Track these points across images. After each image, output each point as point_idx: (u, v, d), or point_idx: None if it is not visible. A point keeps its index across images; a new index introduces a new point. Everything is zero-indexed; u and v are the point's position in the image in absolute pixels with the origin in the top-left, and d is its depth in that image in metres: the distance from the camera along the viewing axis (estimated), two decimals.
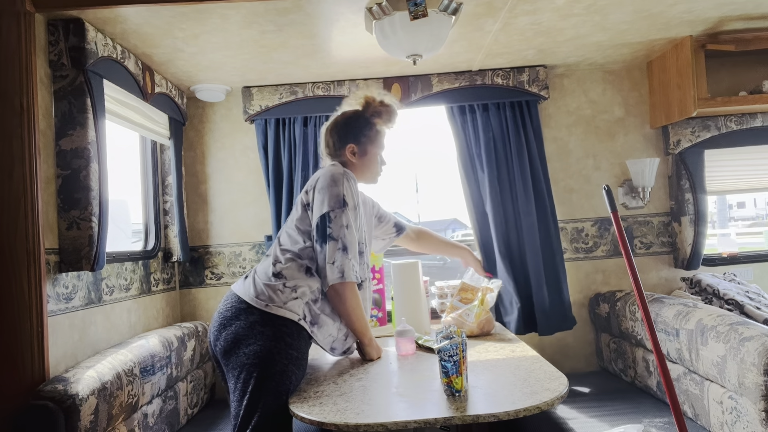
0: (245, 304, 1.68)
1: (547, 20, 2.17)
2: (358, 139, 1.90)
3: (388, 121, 1.94)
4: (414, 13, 1.83)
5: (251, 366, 1.60)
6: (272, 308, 1.66)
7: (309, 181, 1.84)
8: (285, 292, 1.68)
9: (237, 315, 1.67)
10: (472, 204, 2.79)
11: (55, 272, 1.80)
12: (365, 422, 1.37)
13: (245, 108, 2.75)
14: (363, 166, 1.92)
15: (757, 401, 1.64)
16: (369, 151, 1.92)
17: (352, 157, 1.90)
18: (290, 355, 1.64)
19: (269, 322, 1.64)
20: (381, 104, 1.92)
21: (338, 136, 1.90)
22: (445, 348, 1.48)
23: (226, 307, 1.72)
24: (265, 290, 1.68)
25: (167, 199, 2.70)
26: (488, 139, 2.75)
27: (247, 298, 1.68)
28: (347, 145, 1.90)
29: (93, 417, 1.56)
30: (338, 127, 1.91)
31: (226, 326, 1.67)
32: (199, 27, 2.02)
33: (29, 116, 1.67)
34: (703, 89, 2.49)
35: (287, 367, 1.62)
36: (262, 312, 1.65)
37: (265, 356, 1.60)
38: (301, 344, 1.69)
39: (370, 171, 1.95)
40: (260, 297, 1.67)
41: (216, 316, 1.73)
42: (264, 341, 1.62)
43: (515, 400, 1.42)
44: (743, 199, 20.63)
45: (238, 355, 1.63)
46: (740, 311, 2.35)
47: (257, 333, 1.63)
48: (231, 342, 1.64)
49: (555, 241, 2.71)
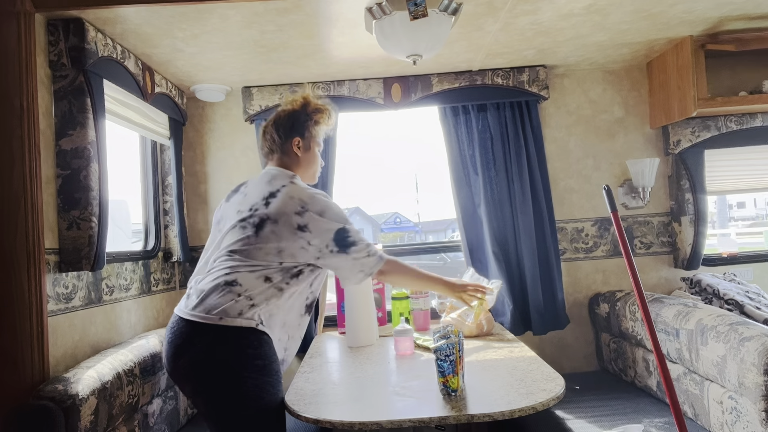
0: (195, 327, 1.57)
1: (547, 20, 2.17)
2: (302, 133, 1.87)
3: (327, 118, 1.94)
4: (414, 13, 1.83)
5: (219, 390, 1.53)
6: (227, 320, 1.55)
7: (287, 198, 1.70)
8: (240, 301, 1.59)
9: (189, 340, 1.56)
10: (460, 206, 2.79)
11: (55, 272, 1.80)
12: (361, 420, 1.37)
13: (245, 108, 2.75)
14: (306, 162, 1.89)
15: (757, 401, 1.64)
16: (311, 147, 1.90)
17: (297, 151, 1.86)
18: (257, 366, 1.56)
19: (224, 338, 1.55)
20: (318, 104, 1.93)
21: (283, 130, 1.87)
22: (442, 347, 1.48)
23: (174, 335, 1.60)
24: (218, 303, 1.58)
25: (167, 199, 2.70)
26: (485, 139, 2.76)
27: (197, 318, 1.57)
28: (293, 138, 1.86)
29: (93, 417, 1.56)
30: (282, 121, 1.88)
31: (180, 355, 1.57)
32: (199, 27, 2.02)
33: (29, 116, 1.66)
34: (703, 89, 2.49)
35: (258, 380, 1.55)
36: (216, 328, 1.55)
37: (230, 376, 1.53)
38: (265, 350, 1.60)
39: (312, 167, 1.93)
40: (212, 312, 1.56)
41: (167, 347, 1.62)
42: (225, 360, 1.54)
43: (511, 401, 1.43)
44: (743, 199, 20.62)
45: (202, 381, 1.55)
46: (740, 311, 2.35)
47: (215, 354, 1.54)
48: (189, 370, 1.56)
49: (551, 241, 2.72)
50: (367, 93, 2.75)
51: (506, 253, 2.74)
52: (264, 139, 1.91)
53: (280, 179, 1.78)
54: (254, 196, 1.76)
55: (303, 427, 2.06)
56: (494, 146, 2.75)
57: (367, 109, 2.78)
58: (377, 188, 54.19)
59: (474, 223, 2.79)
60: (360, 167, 53.25)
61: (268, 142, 1.89)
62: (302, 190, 1.74)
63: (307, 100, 1.91)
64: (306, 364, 2.05)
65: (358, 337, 2.28)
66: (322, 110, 1.92)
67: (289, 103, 1.92)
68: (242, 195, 1.82)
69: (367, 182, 55.45)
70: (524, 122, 2.75)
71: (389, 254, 1.86)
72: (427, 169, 32.20)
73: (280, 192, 1.72)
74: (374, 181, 58.13)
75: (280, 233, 1.66)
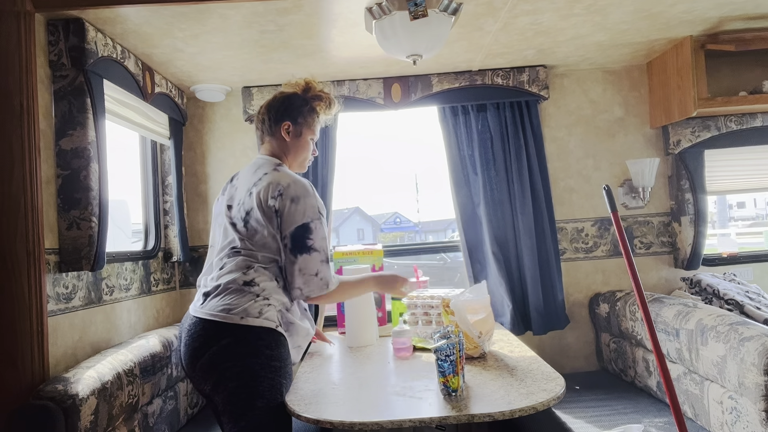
0: (213, 327, 1.57)
1: (547, 20, 2.17)
2: (294, 118, 1.82)
3: (327, 107, 1.89)
4: (414, 13, 1.83)
5: (237, 389, 1.54)
6: (248, 320, 1.57)
7: (266, 184, 1.68)
8: (258, 302, 1.60)
9: (207, 342, 1.57)
10: (459, 206, 2.79)
11: (55, 272, 1.80)
12: (361, 420, 1.37)
13: (245, 108, 2.75)
14: (295, 148, 1.84)
15: (757, 401, 1.64)
16: (303, 133, 1.84)
17: (286, 136, 1.81)
18: (274, 367, 1.58)
19: (243, 339, 1.56)
20: (321, 91, 1.89)
21: (275, 113, 1.83)
22: (442, 347, 1.48)
23: (192, 337, 1.60)
24: (238, 302, 1.59)
25: (167, 199, 2.70)
26: (484, 139, 2.76)
27: (218, 318, 1.57)
28: (283, 122, 1.81)
29: (93, 417, 1.56)
30: (276, 103, 1.84)
31: (198, 357, 1.57)
32: (199, 27, 2.02)
33: (29, 116, 1.66)
34: (703, 89, 2.49)
35: (274, 380, 1.57)
36: (235, 329, 1.56)
37: (249, 376, 1.54)
38: (281, 352, 1.62)
39: (302, 155, 1.87)
40: (233, 311, 1.57)
41: (184, 349, 1.62)
42: (244, 361, 1.55)
43: (511, 400, 1.42)
44: (743, 199, 20.63)
45: (221, 381, 1.55)
46: (740, 311, 2.35)
47: (235, 355, 1.55)
48: (209, 370, 1.56)
49: (551, 241, 2.72)
50: (367, 93, 2.75)
51: (506, 253, 2.74)
52: (257, 123, 1.88)
53: (264, 167, 1.76)
54: (242, 188, 1.76)
55: (303, 428, 2.06)
56: (494, 146, 2.75)
57: (367, 109, 2.78)
58: (377, 188, 54.16)
59: (473, 223, 2.79)
60: (360, 167, 53.11)
61: (259, 127, 1.87)
62: (283, 176, 1.71)
63: (310, 85, 1.88)
64: (306, 364, 2.05)
65: (358, 337, 2.28)
66: (323, 98, 1.88)
67: (291, 86, 1.89)
68: (234, 188, 1.82)
69: (367, 182, 55.35)
70: (524, 122, 2.75)
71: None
72: (427, 169, 32.19)
73: (261, 180, 1.70)
74: (374, 181, 58.07)
75: (261, 221, 1.66)
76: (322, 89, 1.89)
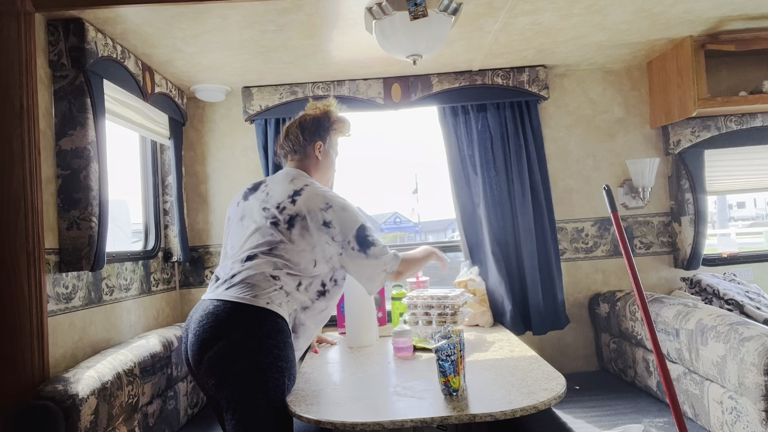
0: (228, 315, 1.60)
1: (547, 20, 2.17)
2: (324, 138, 1.97)
3: (346, 129, 2.05)
4: (414, 13, 1.83)
5: (243, 386, 1.55)
6: (273, 306, 1.61)
7: (312, 195, 1.78)
8: (280, 293, 1.66)
9: (217, 335, 1.58)
10: (459, 206, 2.79)
11: (55, 272, 1.80)
12: (362, 421, 1.37)
13: (245, 108, 2.75)
14: (324, 166, 1.98)
15: (757, 401, 1.64)
16: (330, 154, 2.00)
17: (318, 154, 1.95)
18: (280, 368, 1.59)
19: (253, 336, 1.58)
20: (339, 115, 2.04)
21: (308, 132, 1.95)
22: (443, 347, 1.48)
23: (203, 328, 1.61)
24: (266, 289, 1.64)
25: (167, 199, 2.70)
26: (484, 139, 2.76)
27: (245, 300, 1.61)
28: (316, 141, 1.95)
29: (93, 417, 1.56)
30: (307, 123, 1.97)
31: (207, 349, 1.58)
32: (199, 27, 2.02)
33: (29, 116, 1.66)
34: (703, 89, 2.49)
35: (279, 381, 1.58)
36: (253, 317, 1.59)
37: (255, 375, 1.56)
38: (288, 354, 1.63)
39: (329, 173, 2.02)
40: (260, 296, 1.62)
41: (193, 339, 1.62)
42: (252, 359, 1.56)
43: (512, 400, 1.42)
44: (743, 199, 20.61)
45: (227, 376, 1.56)
46: (740, 311, 2.35)
47: (244, 351, 1.56)
48: (216, 364, 1.57)
49: (551, 241, 2.72)
50: (367, 93, 2.75)
51: (506, 253, 2.74)
52: (287, 139, 1.97)
53: (302, 179, 1.86)
54: (279, 194, 1.82)
55: (304, 428, 2.06)
56: (494, 146, 2.75)
57: (367, 109, 2.78)
58: (377, 188, 54.18)
59: (473, 223, 2.79)
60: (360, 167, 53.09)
61: (291, 142, 1.96)
62: (324, 189, 1.84)
63: (329, 110, 2.01)
64: (306, 364, 2.05)
65: (359, 337, 2.28)
66: (343, 121, 2.04)
67: (313, 109, 2.02)
68: (264, 193, 1.87)
69: (367, 182, 55.36)
70: (524, 122, 2.75)
71: None
72: (427, 169, 32.17)
73: (304, 190, 1.80)
74: (374, 181, 58.12)
75: (309, 229, 1.73)
76: (338, 114, 2.04)
